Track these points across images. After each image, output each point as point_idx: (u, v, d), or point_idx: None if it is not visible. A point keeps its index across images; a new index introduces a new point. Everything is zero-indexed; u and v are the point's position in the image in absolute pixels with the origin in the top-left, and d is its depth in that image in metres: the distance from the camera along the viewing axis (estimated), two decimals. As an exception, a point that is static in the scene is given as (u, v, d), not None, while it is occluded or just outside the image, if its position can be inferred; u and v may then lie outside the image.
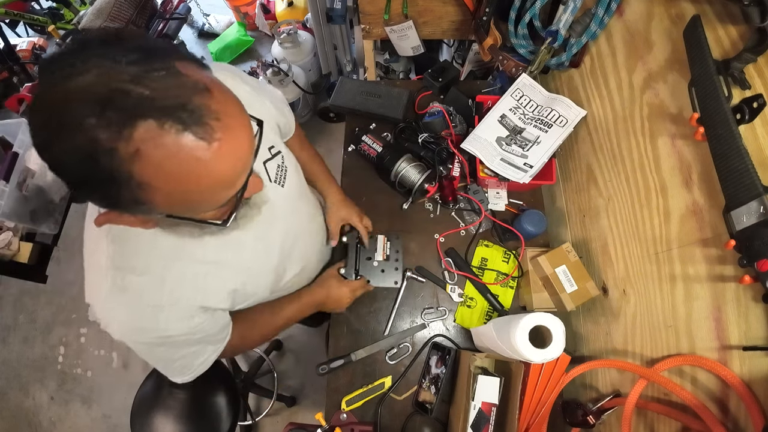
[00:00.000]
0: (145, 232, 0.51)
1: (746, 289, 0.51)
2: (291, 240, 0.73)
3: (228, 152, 0.37)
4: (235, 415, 1.18)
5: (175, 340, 0.57)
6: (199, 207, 0.42)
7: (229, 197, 0.42)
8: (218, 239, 0.58)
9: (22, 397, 1.88)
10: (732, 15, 0.54)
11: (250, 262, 0.64)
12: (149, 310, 0.53)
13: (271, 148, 0.67)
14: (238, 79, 0.63)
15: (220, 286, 0.60)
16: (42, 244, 1.40)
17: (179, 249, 0.54)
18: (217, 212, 0.45)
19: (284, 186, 0.69)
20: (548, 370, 0.79)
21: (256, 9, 2.51)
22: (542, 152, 0.93)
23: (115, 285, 0.51)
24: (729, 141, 0.49)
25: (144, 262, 0.52)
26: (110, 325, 0.53)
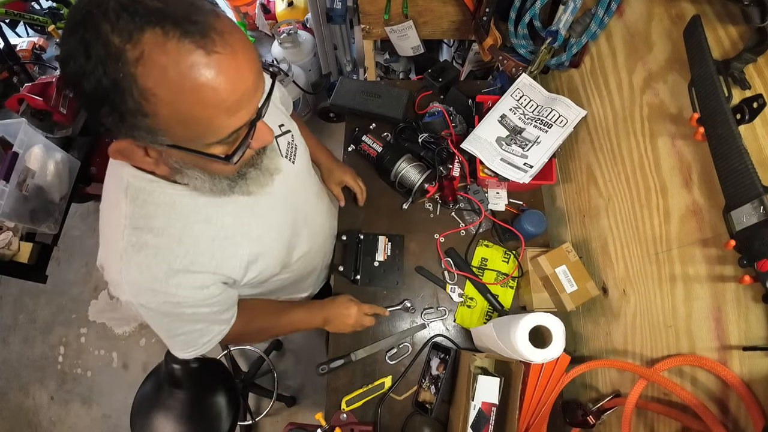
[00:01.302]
0: (164, 193, 0.53)
1: (746, 289, 0.51)
2: (302, 216, 0.76)
3: (228, 68, 0.38)
4: (235, 415, 1.18)
5: (182, 311, 0.57)
6: (202, 131, 0.41)
7: (233, 128, 0.42)
8: (236, 204, 0.59)
9: (22, 397, 1.88)
10: (732, 15, 0.54)
11: (264, 232, 0.65)
12: (162, 271, 0.53)
13: (281, 126, 0.71)
14: None
15: (235, 253, 0.61)
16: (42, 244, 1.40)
17: (197, 211, 0.56)
18: (224, 148, 0.45)
19: (295, 163, 0.72)
20: (548, 370, 0.79)
21: (256, 9, 2.51)
22: (542, 152, 0.93)
23: (131, 244, 0.51)
24: (729, 141, 0.49)
25: (162, 222, 0.53)
26: (120, 285, 0.53)
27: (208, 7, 0.39)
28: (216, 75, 0.37)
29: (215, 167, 0.48)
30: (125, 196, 0.52)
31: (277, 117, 0.71)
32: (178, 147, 0.42)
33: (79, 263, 2.09)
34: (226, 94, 0.39)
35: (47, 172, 1.43)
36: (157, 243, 0.52)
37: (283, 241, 0.71)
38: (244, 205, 0.61)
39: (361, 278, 0.94)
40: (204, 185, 0.51)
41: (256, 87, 0.42)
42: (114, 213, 0.53)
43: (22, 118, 1.49)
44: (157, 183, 0.52)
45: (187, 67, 0.36)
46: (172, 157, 0.46)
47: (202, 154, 0.43)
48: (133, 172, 0.52)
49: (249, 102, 0.42)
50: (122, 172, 0.53)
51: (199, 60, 0.36)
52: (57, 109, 1.55)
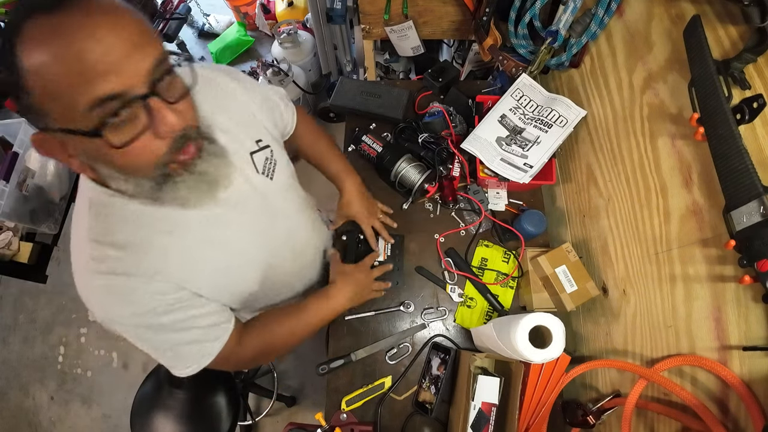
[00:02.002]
0: (125, 207, 0.52)
1: (746, 289, 0.51)
2: (280, 231, 0.73)
3: (79, 28, 0.38)
4: (235, 415, 1.18)
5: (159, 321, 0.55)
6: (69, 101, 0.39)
7: (97, 95, 0.39)
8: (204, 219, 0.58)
9: (22, 397, 1.88)
10: (732, 15, 0.54)
11: (235, 246, 0.63)
12: (125, 283, 0.52)
13: (259, 141, 0.68)
14: (229, 78, 0.66)
15: (203, 269, 0.59)
16: (42, 244, 1.40)
17: (160, 224, 0.55)
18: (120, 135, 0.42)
19: (273, 179, 0.70)
20: (548, 370, 0.79)
21: (256, 9, 2.51)
22: (542, 152, 0.93)
23: (92, 258, 0.51)
24: (729, 141, 0.49)
25: (124, 237, 0.52)
26: (89, 302, 0.53)
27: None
28: (62, 33, 0.37)
29: (122, 161, 0.45)
30: (88, 211, 0.52)
31: (253, 130, 0.68)
32: (64, 130, 0.41)
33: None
34: (85, 54, 0.37)
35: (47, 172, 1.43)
36: (118, 256, 0.51)
37: (260, 257, 0.69)
38: (214, 220, 0.59)
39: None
40: (127, 186, 0.49)
41: (129, 54, 0.40)
42: (78, 229, 0.53)
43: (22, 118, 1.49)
44: (119, 197, 0.52)
45: (39, 32, 0.37)
46: (76, 148, 0.45)
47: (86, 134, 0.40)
48: (93, 186, 0.52)
49: (116, 68, 0.39)
50: (85, 187, 0.53)
51: (48, 23, 0.37)
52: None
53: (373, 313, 0.94)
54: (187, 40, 2.68)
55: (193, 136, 0.48)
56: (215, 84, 0.65)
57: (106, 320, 0.54)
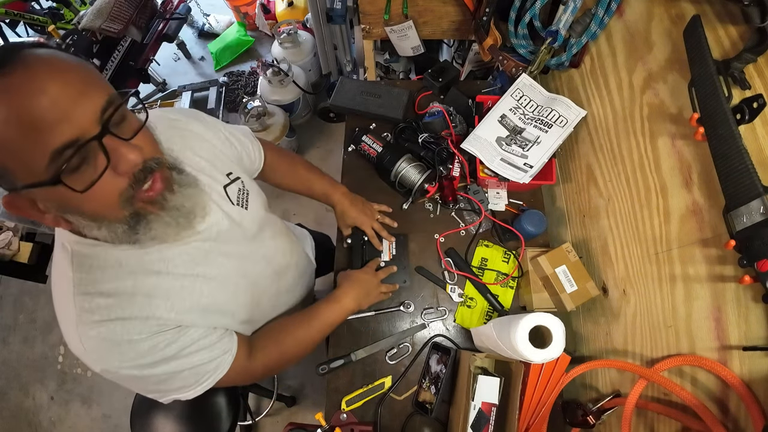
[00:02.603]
0: (108, 255, 0.52)
1: (746, 289, 0.51)
2: (260, 257, 0.74)
3: (21, 86, 0.38)
4: (235, 415, 1.18)
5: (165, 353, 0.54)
6: (29, 156, 0.40)
7: (53, 146, 0.39)
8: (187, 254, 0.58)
9: (22, 397, 1.88)
10: (732, 15, 0.54)
11: (221, 277, 0.63)
12: (121, 327, 0.51)
13: (229, 174, 0.70)
14: (191, 119, 0.68)
15: (197, 303, 0.59)
16: (42, 244, 1.40)
17: (146, 266, 0.54)
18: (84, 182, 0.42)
19: (248, 208, 0.71)
20: (548, 370, 0.79)
21: (256, 9, 2.51)
22: (542, 152, 0.93)
23: (83, 309, 0.50)
24: (729, 141, 0.49)
25: (112, 285, 0.52)
26: (87, 355, 0.51)
27: (27, 44, 0.41)
28: (8, 94, 0.38)
29: (88, 206, 0.45)
30: (70, 264, 0.51)
31: (222, 165, 0.69)
32: (28, 186, 0.41)
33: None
34: (25, 110, 0.38)
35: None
36: (109, 303, 0.51)
37: (246, 287, 0.69)
38: (197, 254, 0.60)
39: None
40: (101, 233, 0.49)
41: (76, 101, 0.40)
42: (62, 283, 0.52)
43: None
44: (100, 246, 0.51)
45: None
46: (45, 203, 0.45)
47: (47, 184, 0.41)
48: (74, 239, 0.51)
49: (66, 116, 0.39)
50: (64, 240, 0.52)
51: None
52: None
53: (373, 313, 0.94)
54: (187, 40, 2.68)
55: (154, 167, 0.48)
56: (180, 126, 0.66)
57: (107, 371, 0.52)
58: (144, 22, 2.07)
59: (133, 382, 0.55)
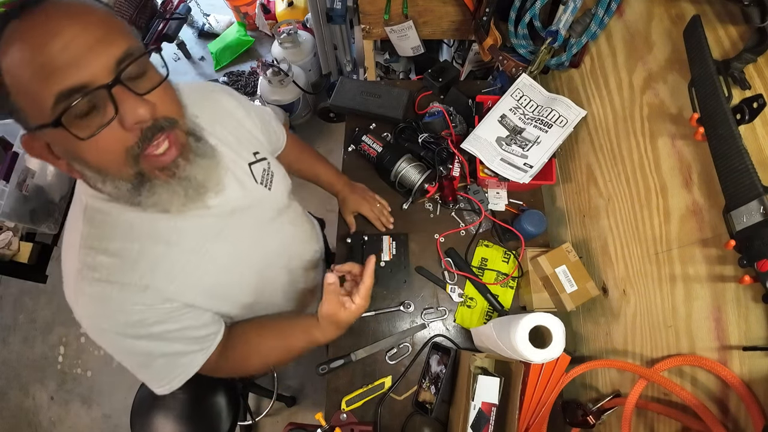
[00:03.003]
0: (121, 215, 0.52)
1: (746, 289, 0.51)
2: (278, 242, 0.74)
3: (39, 26, 0.39)
4: (235, 415, 1.18)
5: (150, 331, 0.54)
6: (39, 96, 0.40)
7: (62, 87, 0.39)
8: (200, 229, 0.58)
9: (22, 397, 1.88)
10: (732, 15, 0.54)
11: (233, 259, 0.63)
12: (117, 292, 0.51)
13: (256, 153, 0.70)
14: (226, 95, 0.68)
15: (199, 280, 0.58)
16: (42, 244, 1.40)
17: (156, 234, 0.54)
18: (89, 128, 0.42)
19: (271, 189, 0.71)
20: (548, 370, 0.79)
21: (256, 9, 2.51)
22: (542, 152, 0.93)
23: (85, 264, 0.51)
24: (729, 141, 0.49)
25: (118, 244, 0.52)
26: (80, 311, 0.52)
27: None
28: (28, 31, 0.39)
29: (92, 156, 0.44)
30: (83, 216, 0.52)
31: (250, 144, 0.70)
32: (38, 127, 0.42)
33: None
34: (38, 47, 0.39)
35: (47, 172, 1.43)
36: (111, 263, 0.51)
37: (257, 268, 0.68)
38: (210, 230, 0.59)
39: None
40: (105, 187, 0.48)
41: (91, 48, 0.40)
42: (72, 234, 0.53)
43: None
44: (115, 204, 0.51)
45: (10, 35, 0.40)
46: (56, 147, 0.46)
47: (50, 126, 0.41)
48: (90, 193, 0.52)
49: (79, 60, 0.40)
50: (82, 194, 0.52)
51: (19, 24, 0.40)
52: (57, 109, 1.55)
53: (373, 313, 0.94)
54: (187, 40, 2.68)
55: (165, 126, 0.46)
56: (213, 99, 0.66)
57: (93, 330, 0.53)
58: (144, 22, 2.07)
59: (112, 347, 0.55)
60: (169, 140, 0.47)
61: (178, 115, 0.49)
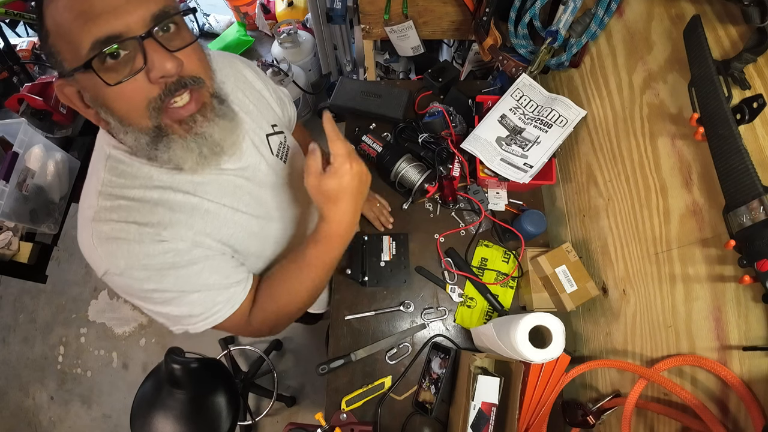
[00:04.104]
0: (143, 167, 0.53)
1: (746, 289, 0.51)
2: (291, 213, 0.74)
3: None
4: (235, 415, 1.18)
5: (175, 260, 0.53)
6: (73, 40, 0.42)
7: (97, 35, 0.41)
8: (216, 184, 0.59)
9: (22, 397, 1.88)
10: (732, 15, 0.54)
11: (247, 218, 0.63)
12: (134, 229, 0.51)
13: (274, 126, 0.72)
14: (247, 66, 0.71)
15: (214, 228, 0.59)
16: (42, 244, 1.40)
17: (176, 185, 0.55)
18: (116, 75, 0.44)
19: (286, 162, 0.72)
20: (548, 370, 0.79)
21: (256, 9, 2.51)
22: (542, 152, 0.93)
23: (103, 207, 0.51)
24: (729, 141, 0.49)
25: (138, 193, 0.53)
26: (97, 254, 0.51)
27: None
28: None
29: (117, 104, 0.46)
30: (104, 165, 0.53)
31: (269, 116, 0.72)
32: (72, 71, 0.44)
33: (79, 263, 2.09)
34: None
35: (47, 172, 1.43)
36: (130, 206, 0.52)
37: (268, 233, 0.69)
38: (227, 187, 0.60)
39: (368, 280, 0.93)
40: (127, 138, 0.49)
41: (129, 0, 0.42)
42: (92, 181, 0.54)
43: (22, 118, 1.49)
44: (137, 157, 0.53)
45: None
46: (85, 93, 0.47)
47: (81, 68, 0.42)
48: (114, 143, 0.53)
49: (117, 10, 0.42)
50: (104, 143, 0.54)
51: None
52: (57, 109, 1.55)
53: (373, 313, 0.94)
54: (187, 40, 2.68)
55: (189, 83, 0.47)
56: (236, 69, 0.68)
57: (110, 273, 0.51)
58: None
59: (134, 287, 0.52)
60: (191, 95, 0.48)
61: (206, 76, 0.50)
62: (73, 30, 0.41)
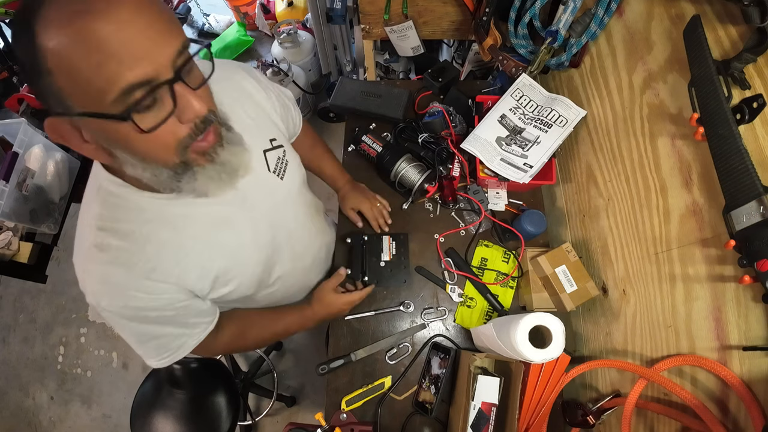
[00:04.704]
0: (133, 198, 0.53)
1: (746, 289, 0.51)
2: (285, 234, 0.74)
3: (109, 11, 0.37)
4: (235, 415, 1.18)
5: (146, 314, 0.57)
6: (96, 85, 0.38)
7: (127, 81, 0.39)
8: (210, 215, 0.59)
9: (22, 397, 1.88)
10: (732, 15, 0.54)
11: (240, 247, 0.64)
12: (122, 276, 0.53)
13: (273, 140, 0.70)
14: (246, 74, 0.68)
15: (202, 266, 0.59)
16: (42, 244, 1.40)
17: (166, 219, 0.55)
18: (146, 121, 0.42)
19: (283, 179, 0.71)
20: (548, 370, 0.79)
21: (256, 9, 2.52)
22: (542, 152, 0.93)
23: (94, 244, 0.52)
24: (729, 141, 0.49)
25: (128, 227, 0.53)
26: (84, 285, 0.54)
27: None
28: (94, 18, 0.37)
29: (144, 146, 0.44)
30: (97, 197, 0.53)
31: (268, 129, 0.70)
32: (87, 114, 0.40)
33: (79, 263, 2.09)
34: (109, 40, 0.37)
35: (47, 172, 1.43)
36: (119, 246, 0.53)
37: (260, 257, 0.69)
38: (217, 217, 0.60)
39: (368, 280, 0.93)
40: (144, 174, 0.48)
41: (156, 41, 0.40)
42: (86, 214, 0.55)
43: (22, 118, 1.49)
44: (128, 188, 0.53)
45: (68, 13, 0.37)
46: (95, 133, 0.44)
47: (114, 119, 0.40)
48: (106, 176, 0.53)
49: (146, 54, 0.39)
50: (98, 175, 0.54)
51: (75, 4, 0.37)
52: (57, 109, 1.55)
53: (373, 313, 0.94)
54: (187, 40, 2.68)
55: (213, 119, 0.48)
56: (235, 81, 0.66)
57: (94, 303, 0.55)
58: (144, 22, 2.07)
59: (110, 321, 0.58)
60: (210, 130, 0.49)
61: (215, 106, 0.50)
62: (96, 75, 0.38)
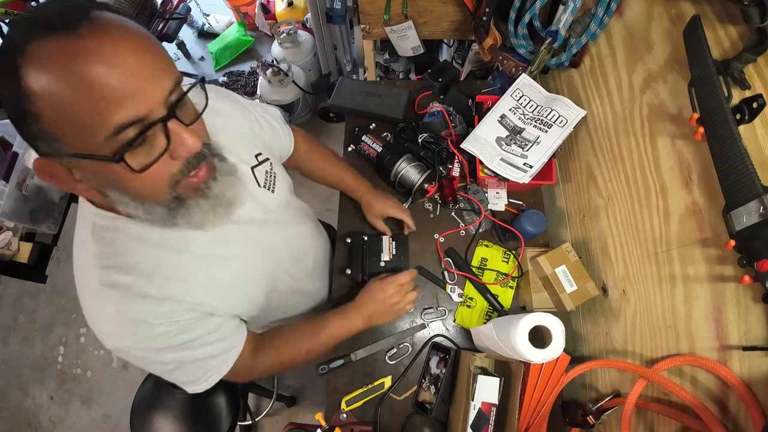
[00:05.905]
0: (130, 230, 0.51)
1: (746, 289, 0.51)
2: (284, 243, 0.75)
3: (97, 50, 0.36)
4: (235, 415, 1.18)
5: (174, 341, 0.55)
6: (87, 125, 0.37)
7: (119, 120, 0.38)
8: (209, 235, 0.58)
9: (22, 397, 1.88)
10: (732, 15, 0.54)
11: (244, 262, 0.64)
12: (138, 309, 0.51)
13: (258, 155, 0.70)
14: (222, 96, 0.67)
15: (212, 286, 0.59)
16: (42, 244, 1.40)
17: (167, 245, 0.54)
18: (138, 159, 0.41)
19: (275, 191, 0.71)
20: (548, 370, 0.79)
21: (256, 9, 2.51)
22: (542, 152, 0.93)
23: (101, 283, 0.50)
24: (729, 141, 0.49)
25: (132, 259, 0.52)
26: (102, 331, 0.52)
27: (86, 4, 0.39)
28: (82, 57, 0.36)
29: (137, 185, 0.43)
30: (91, 236, 0.51)
31: (251, 146, 0.69)
32: (78, 155, 0.39)
33: (79, 263, 2.09)
34: (102, 81, 0.36)
35: (47, 172, 1.42)
36: (127, 281, 0.51)
37: (264, 269, 0.69)
38: (221, 237, 0.60)
39: (368, 280, 0.93)
40: (137, 212, 0.48)
41: (148, 78, 0.39)
42: (83, 254, 0.52)
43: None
44: (122, 220, 0.51)
45: (51, 54, 0.35)
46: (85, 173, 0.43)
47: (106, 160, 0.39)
48: (96, 211, 0.51)
49: (139, 92, 0.38)
50: (87, 212, 0.52)
51: (64, 45, 0.36)
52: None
53: (373, 313, 0.94)
54: (186, 40, 2.68)
55: (206, 153, 0.47)
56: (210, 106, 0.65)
57: (119, 350, 0.53)
58: (144, 22, 2.08)
59: (142, 363, 0.56)
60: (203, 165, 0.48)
61: (209, 139, 0.50)
62: (86, 117, 0.37)
